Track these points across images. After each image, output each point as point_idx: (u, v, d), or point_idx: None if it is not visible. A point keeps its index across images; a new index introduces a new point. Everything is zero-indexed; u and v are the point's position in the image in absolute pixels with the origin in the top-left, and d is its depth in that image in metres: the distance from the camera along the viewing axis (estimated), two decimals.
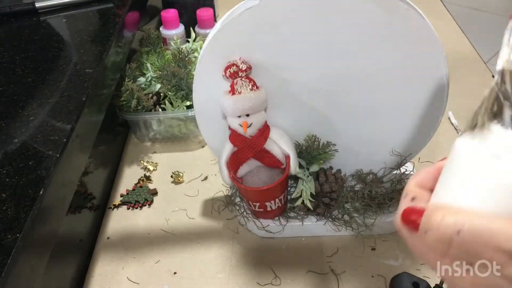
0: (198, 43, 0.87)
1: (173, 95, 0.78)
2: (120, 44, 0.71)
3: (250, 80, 0.56)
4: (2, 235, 0.39)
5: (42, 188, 0.43)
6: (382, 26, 0.53)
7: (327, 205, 0.63)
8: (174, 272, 0.62)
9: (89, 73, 0.59)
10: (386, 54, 0.55)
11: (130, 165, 0.80)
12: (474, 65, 0.99)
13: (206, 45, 0.56)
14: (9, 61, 0.63)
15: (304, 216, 0.65)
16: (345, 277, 0.60)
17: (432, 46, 0.54)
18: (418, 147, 0.64)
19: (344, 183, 0.65)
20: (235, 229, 0.68)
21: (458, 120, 0.83)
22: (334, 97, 0.60)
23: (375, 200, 0.63)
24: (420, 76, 0.57)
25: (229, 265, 0.63)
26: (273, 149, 0.60)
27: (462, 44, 1.06)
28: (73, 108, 0.53)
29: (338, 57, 0.56)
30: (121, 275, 0.62)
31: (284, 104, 0.61)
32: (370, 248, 0.64)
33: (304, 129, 0.63)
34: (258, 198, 0.61)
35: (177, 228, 0.69)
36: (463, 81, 0.93)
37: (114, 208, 0.72)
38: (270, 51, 0.56)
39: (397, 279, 0.55)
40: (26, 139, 0.49)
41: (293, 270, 0.62)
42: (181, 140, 0.84)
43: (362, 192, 0.63)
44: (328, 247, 0.64)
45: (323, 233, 0.65)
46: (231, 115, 0.57)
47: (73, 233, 0.64)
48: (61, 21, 0.75)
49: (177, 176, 0.75)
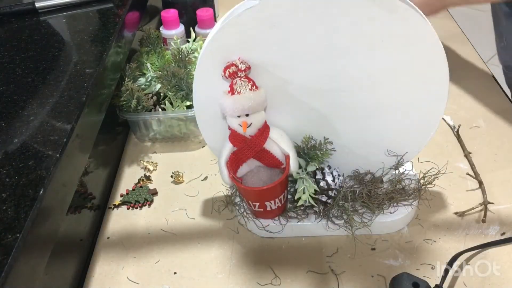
0: (198, 43, 0.87)
1: (173, 95, 0.78)
2: (120, 44, 0.71)
3: (250, 80, 0.56)
4: (2, 235, 0.39)
5: (42, 188, 0.43)
6: (382, 26, 0.53)
7: (324, 203, 0.63)
8: (174, 272, 0.62)
9: (89, 73, 0.59)
10: (386, 54, 0.55)
11: (130, 165, 0.80)
12: (474, 65, 0.99)
13: (206, 45, 0.56)
14: (9, 61, 0.63)
15: (304, 216, 0.65)
16: (345, 277, 0.60)
17: (432, 46, 0.54)
18: (418, 147, 0.64)
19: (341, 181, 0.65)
20: (235, 229, 0.68)
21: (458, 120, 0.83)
22: (334, 97, 0.60)
23: (374, 200, 0.63)
24: (420, 76, 0.57)
25: (229, 265, 0.63)
26: (273, 149, 0.60)
27: (462, 44, 1.06)
28: (73, 108, 0.53)
29: (338, 57, 0.56)
30: (121, 275, 0.62)
31: (284, 104, 0.61)
32: (370, 248, 0.64)
33: (304, 129, 0.63)
34: (258, 198, 0.61)
35: (177, 228, 0.69)
36: (463, 81, 0.93)
37: (114, 208, 0.72)
38: (270, 51, 0.56)
39: (397, 279, 0.55)
40: (26, 139, 0.49)
41: (293, 270, 0.62)
42: (181, 140, 0.84)
43: (361, 192, 0.63)
44: (328, 247, 0.64)
45: (323, 233, 0.65)
46: (230, 115, 0.57)
47: (73, 233, 0.64)
48: (61, 21, 0.75)
49: (177, 176, 0.75)
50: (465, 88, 0.92)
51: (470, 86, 0.92)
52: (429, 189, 0.66)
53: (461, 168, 0.74)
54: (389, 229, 0.65)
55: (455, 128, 0.82)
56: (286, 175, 0.60)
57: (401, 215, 0.64)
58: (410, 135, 0.63)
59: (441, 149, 0.78)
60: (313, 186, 0.61)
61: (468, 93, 0.90)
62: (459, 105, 0.87)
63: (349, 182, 0.67)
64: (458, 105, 0.87)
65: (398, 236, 0.65)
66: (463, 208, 0.67)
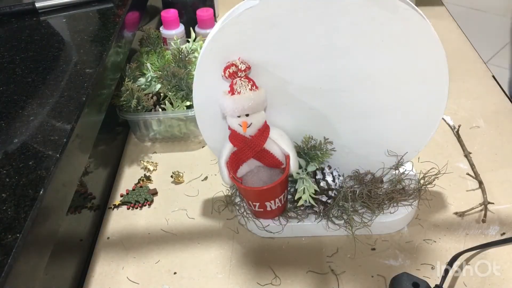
0: (198, 43, 0.87)
1: (173, 95, 0.78)
2: (120, 44, 0.71)
3: (250, 80, 0.56)
4: (2, 235, 0.39)
5: (42, 188, 0.43)
6: (382, 26, 0.53)
7: (324, 203, 0.63)
8: (174, 272, 0.62)
9: (89, 73, 0.59)
10: (386, 54, 0.55)
11: (130, 165, 0.80)
12: (474, 65, 0.99)
13: (206, 45, 0.56)
14: (9, 61, 0.63)
15: (304, 216, 0.65)
16: (345, 277, 0.60)
17: (432, 46, 0.54)
18: (418, 147, 0.64)
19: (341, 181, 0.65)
20: (235, 229, 0.68)
21: (458, 120, 0.83)
22: (334, 97, 0.60)
23: (374, 200, 0.63)
24: (420, 76, 0.57)
25: (229, 265, 0.63)
26: (273, 149, 0.60)
27: (462, 44, 1.06)
28: (73, 108, 0.53)
29: (338, 57, 0.56)
30: (121, 275, 0.62)
31: (284, 104, 0.61)
32: (370, 248, 0.64)
33: (304, 128, 0.63)
34: (258, 198, 0.61)
35: (177, 228, 0.69)
36: (463, 81, 0.93)
37: (114, 208, 0.72)
38: (270, 51, 0.56)
39: (397, 279, 0.55)
40: (26, 139, 0.49)
41: (293, 270, 0.62)
42: (181, 140, 0.84)
43: (361, 192, 0.63)
44: (328, 247, 0.64)
45: (323, 233, 0.65)
46: (230, 115, 0.57)
47: (73, 233, 0.64)
48: (61, 21, 0.75)
49: (177, 176, 0.75)
50: (465, 88, 0.92)
51: (470, 86, 0.92)
52: (429, 189, 0.66)
53: (461, 168, 0.74)
54: (389, 229, 0.65)
55: (455, 128, 0.82)
56: (286, 175, 0.60)
57: (401, 215, 0.64)
58: (410, 135, 0.63)
59: (441, 149, 0.78)
60: (313, 186, 0.61)
61: (468, 93, 0.90)
62: (459, 105, 0.87)
63: (349, 182, 0.67)
64: (458, 105, 0.87)
65: (398, 236, 0.65)
66: (463, 208, 0.67)
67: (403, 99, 0.59)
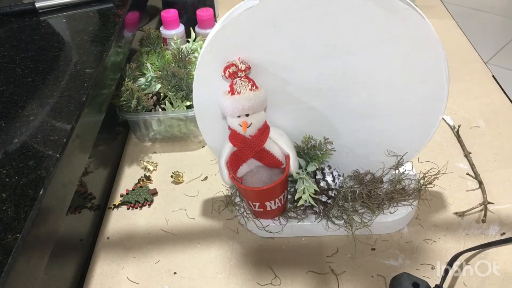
0: (198, 43, 0.87)
1: (173, 95, 0.78)
2: (120, 44, 0.71)
3: (250, 80, 0.56)
4: (2, 235, 0.39)
5: (42, 188, 0.43)
6: (382, 26, 0.53)
7: (324, 203, 0.63)
8: (174, 272, 0.62)
9: (89, 73, 0.59)
10: (386, 54, 0.55)
11: (130, 165, 0.80)
12: (474, 65, 0.99)
13: (206, 45, 0.56)
14: (9, 61, 0.63)
15: (304, 216, 0.65)
16: (345, 277, 0.60)
17: (432, 46, 0.55)
18: (418, 147, 0.64)
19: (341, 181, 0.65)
20: (235, 229, 0.68)
21: (458, 120, 0.83)
22: (334, 97, 0.60)
23: (374, 200, 0.63)
24: (420, 76, 0.57)
25: (229, 265, 0.63)
26: (273, 149, 0.60)
27: (462, 44, 1.06)
28: (73, 108, 0.53)
29: (337, 57, 0.56)
30: (121, 275, 0.62)
31: (284, 104, 0.61)
32: (370, 248, 0.64)
33: (304, 128, 0.63)
34: (258, 198, 0.61)
35: (177, 228, 0.69)
36: (463, 81, 0.93)
37: (114, 208, 0.72)
38: (270, 51, 0.56)
39: (397, 279, 0.55)
40: (26, 139, 0.49)
41: (293, 270, 0.62)
42: (181, 140, 0.84)
43: (361, 192, 0.63)
44: (328, 247, 0.64)
45: (323, 233, 0.65)
46: (230, 115, 0.57)
47: (73, 233, 0.64)
48: (61, 21, 0.75)
49: (177, 176, 0.75)
50: (465, 88, 0.92)
51: (470, 86, 0.92)
52: (429, 189, 0.66)
53: (461, 168, 0.74)
54: (389, 229, 0.65)
55: (455, 128, 0.82)
56: (286, 175, 0.60)
57: (401, 215, 0.64)
58: (410, 135, 0.63)
59: (441, 149, 0.78)
60: (313, 186, 0.61)
61: (468, 93, 0.90)
62: (459, 105, 0.87)
63: (349, 182, 0.67)
64: (458, 105, 0.87)
65: (398, 236, 0.65)
66: (463, 208, 0.67)
67: (403, 99, 0.59)
